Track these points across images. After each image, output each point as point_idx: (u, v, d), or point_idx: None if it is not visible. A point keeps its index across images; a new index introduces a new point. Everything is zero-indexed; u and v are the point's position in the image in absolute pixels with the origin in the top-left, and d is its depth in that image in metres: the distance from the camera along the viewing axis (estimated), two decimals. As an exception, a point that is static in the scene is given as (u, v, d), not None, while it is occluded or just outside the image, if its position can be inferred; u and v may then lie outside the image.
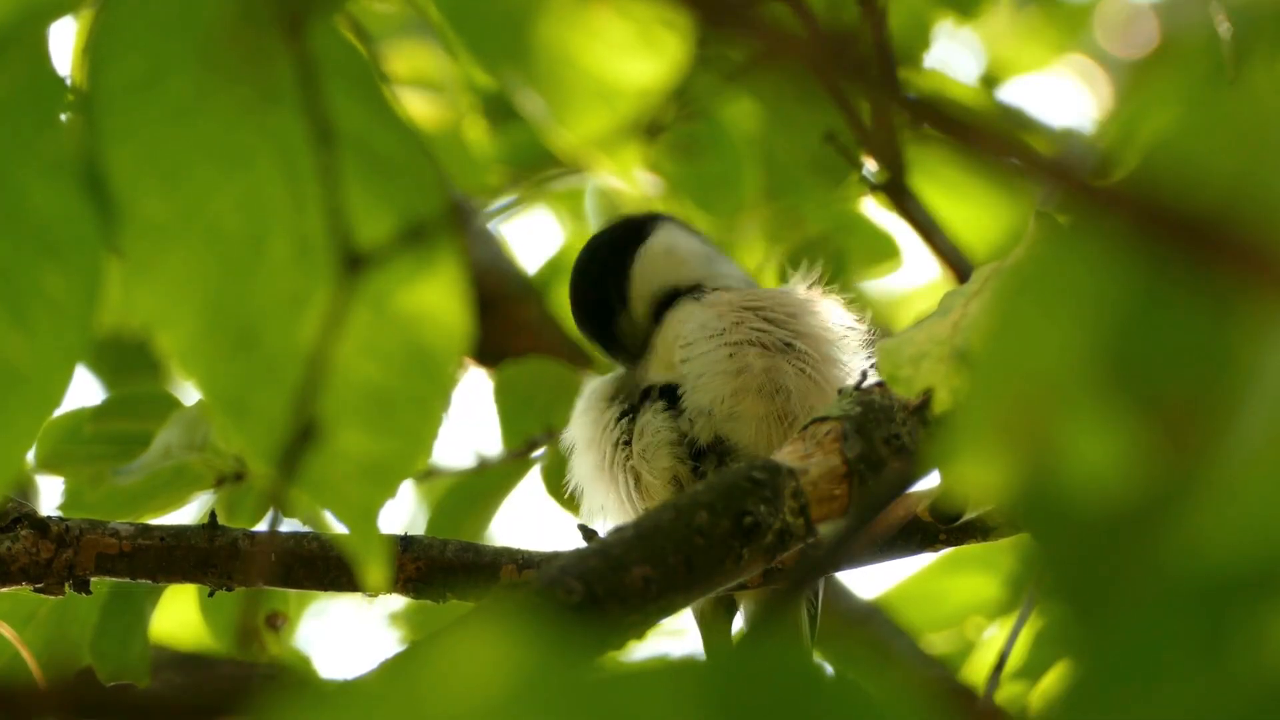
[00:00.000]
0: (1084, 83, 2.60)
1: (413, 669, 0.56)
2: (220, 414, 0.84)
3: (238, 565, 1.28)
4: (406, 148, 0.84)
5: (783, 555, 1.09)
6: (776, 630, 1.07)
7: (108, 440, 1.44)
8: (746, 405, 1.35)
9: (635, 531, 1.02)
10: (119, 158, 0.83)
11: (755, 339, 1.36)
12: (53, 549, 1.27)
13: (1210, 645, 0.56)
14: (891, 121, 1.38)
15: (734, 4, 0.66)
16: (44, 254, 0.83)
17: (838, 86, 0.68)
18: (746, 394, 1.35)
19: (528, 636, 0.56)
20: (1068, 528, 0.59)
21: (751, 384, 1.35)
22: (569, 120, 0.86)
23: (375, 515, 0.85)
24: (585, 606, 0.97)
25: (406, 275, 0.83)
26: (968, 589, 1.95)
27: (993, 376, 0.60)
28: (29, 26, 0.83)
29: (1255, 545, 0.56)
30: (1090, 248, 0.59)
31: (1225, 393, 0.58)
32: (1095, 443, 0.59)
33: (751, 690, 0.56)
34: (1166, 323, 0.59)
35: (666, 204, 1.97)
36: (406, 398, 0.84)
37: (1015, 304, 0.60)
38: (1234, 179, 0.58)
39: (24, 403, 0.83)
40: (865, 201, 2.03)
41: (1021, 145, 0.62)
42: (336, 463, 0.84)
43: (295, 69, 0.82)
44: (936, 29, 2.11)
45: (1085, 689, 0.57)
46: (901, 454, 1.15)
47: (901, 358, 1.08)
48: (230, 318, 0.84)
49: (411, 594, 1.31)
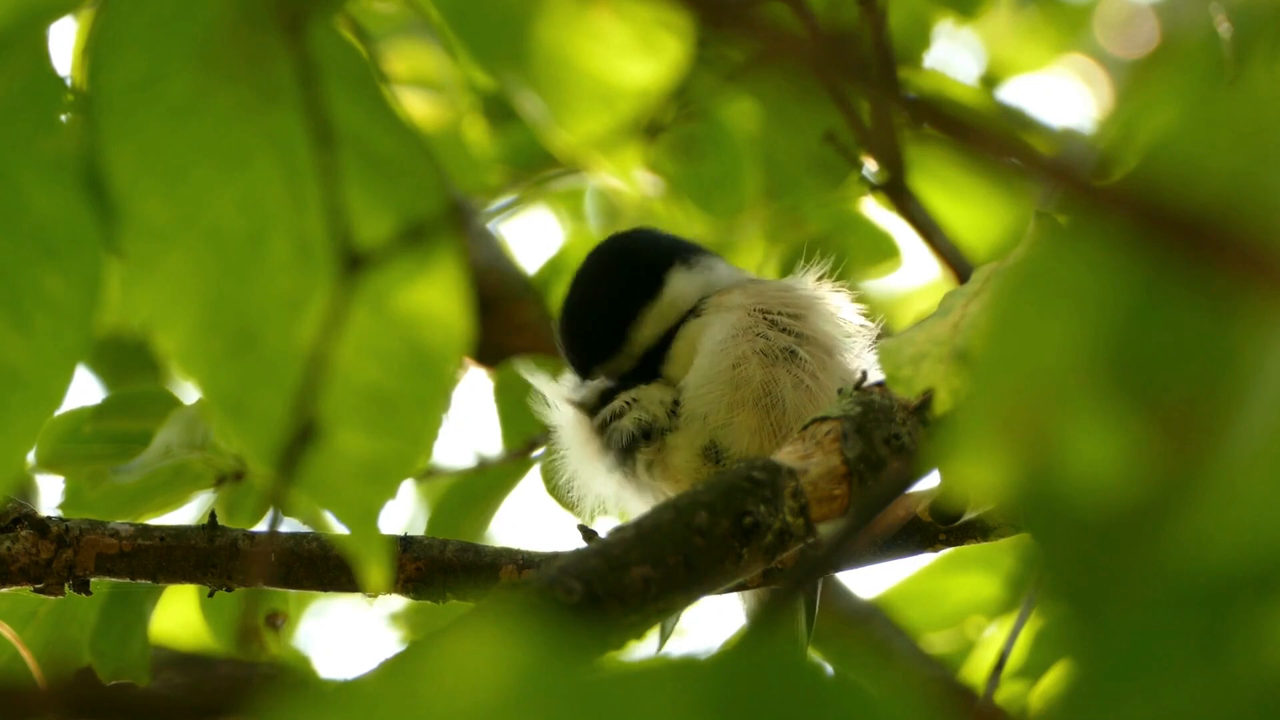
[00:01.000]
0: (1084, 83, 2.60)
1: (413, 669, 0.56)
2: (220, 415, 0.84)
3: (238, 565, 1.28)
4: (406, 148, 0.84)
5: (783, 555, 1.09)
6: (775, 628, 1.07)
7: (107, 439, 1.44)
8: (742, 418, 1.35)
9: (635, 531, 1.02)
10: (118, 158, 0.83)
11: (759, 348, 1.35)
12: (53, 549, 1.27)
13: (1210, 645, 0.56)
14: (891, 121, 1.38)
15: (734, 4, 0.66)
16: (43, 255, 0.83)
17: (838, 86, 0.69)
18: (743, 407, 1.35)
19: (528, 636, 0.56)
20: (1068, 528, 0.59)
21: (748, 397, 1.35)
22: (568, 121, 0.86)
23: (375, 516, 0.85)
24: (585, 606, 0.98)
25: (406, 276, 0.83)
26: (968, 589, 1.95)
27: (993, 376, 0.60)
28: (29, 26, 0.83)
29: (1255, 545, 0.56)
30: (1090, 248, 0.59)
31: (1225, 393, 0.58)
32: (1095, 442, 0.59)
33: (751, 690, 0.56)
34: (1166, 322, 0.59)
35: (666, 204, 1.97)
36: (406, 398, 0.84)
37: (1015, 304, 0.60)
38: (1234, 179, 0.58)
39: (24, 404, 0.83)
40: (865, 201, 2.03)
41: (1021, 145, 0.62)
42: (336, 463, 0.83)
43: (295, 69, 0.82)
44: (936, 29, 2.11)
45: (1085, 689, 0.57)
46: (901, 454, 1.15)
47: (901, 358, 1.08)
48: (230, 318, 0.84)
49: (411, 594, 1.31)
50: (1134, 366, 0.59)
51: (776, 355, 1.35)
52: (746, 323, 1.37)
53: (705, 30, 0.75)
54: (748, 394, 1.35)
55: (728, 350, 1.37)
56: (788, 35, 0.65)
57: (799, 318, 1.37)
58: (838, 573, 1.80)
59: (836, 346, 1.37)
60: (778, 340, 1.36)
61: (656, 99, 0.86)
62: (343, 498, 0.84)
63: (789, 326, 1.36)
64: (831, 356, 1.36)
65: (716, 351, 1.37)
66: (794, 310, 1.37)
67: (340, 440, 0.83)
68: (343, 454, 0.84)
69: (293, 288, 0.84)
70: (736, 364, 1.36)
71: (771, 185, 1.98)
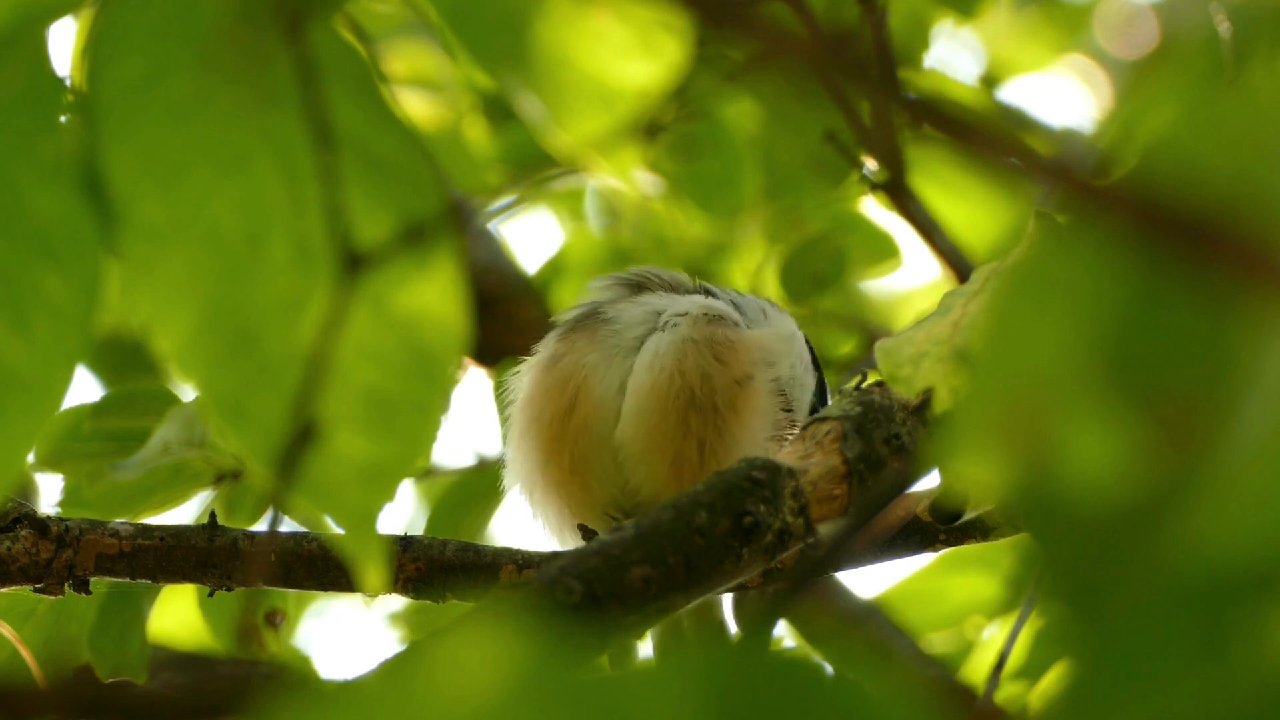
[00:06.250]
0: (1084, 83, 2.60)
1: (413, 669, 0.56)
2: (218, 416, 0.84)
3: (237, 565, 1.28)
4: (406, 149, 0.84)
5: (782, 555, 1.09)
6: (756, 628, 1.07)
7: (106, 437, 1.44)
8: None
9: (635, 531, 1.02)
10: (118, 159, 0.83)
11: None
12: (52, 549, 1.27)
13: (1210, 645, 0.56)
14: (891, 121, 1.38)
15: (734, 4, 0.66)
16: (43, 257, 0.83)
17: (838, 86, 0.69)
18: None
19: (527, 636, 0.56)
20: (1067, 527, 0.59)
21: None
22: (567, 121, 0.86)
23: (374, 518, 0.85)
24: (585, 606, 0.98)
25: (405, 276, 0.83)
26: (967, 589, 1.95)
27: (992, 376, 0.60)
28: (29, 27, 0.83)
29: (1255, 545, 0.56)
30: (1090, 248, 0.59)
31: (1225, 392, 0.58)
32: (1095, 442, 0.59)
33: (751, 690, 0.56)
34: (1166, 322, 0.59)
35: (666, 204, 1.97)
36: (405, 399, 0.84)
37: (1014, 304, 0.60)
38: (1234, 179, 0.58)
39: (23, 405, 0.83)
40: (865, 201, 2.03)
41: (1021, 145, 0.62)
42: (335, 465, 0.83)
43: (294, 70, 0.82)
44: (936, 29, 2.11)
45: (1085, 689, 0.57)
46: (901, 454, 1.15)
47: (901, 357, 1.08)
48: (229, 320, 0.83)
49: (411, 594, 1.31)
50: (1133, 366, 0.59)
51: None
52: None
53: (705, 30, 0.75)
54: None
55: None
56: (788, 35, 0.65)
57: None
58: (838, 573, 1.80)
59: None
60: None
61: (656, 99, 0.86)
62: (341, 500, 0.84)
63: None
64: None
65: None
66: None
67: (339, 442, 0.83)
68: (341, 456, 0.83)
69: (292, 289, 0.84)
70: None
71: (771, 185, 1.99)
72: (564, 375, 1.39)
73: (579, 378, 1.38)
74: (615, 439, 1.37)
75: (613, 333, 1.41)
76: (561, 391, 1.39)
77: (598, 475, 1.38)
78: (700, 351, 1.37)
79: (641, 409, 1.36)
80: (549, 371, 1.40)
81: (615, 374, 1.38)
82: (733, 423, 1.35)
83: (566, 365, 1.39)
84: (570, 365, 1.40)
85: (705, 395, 1.35)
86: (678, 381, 1.36)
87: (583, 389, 1.38)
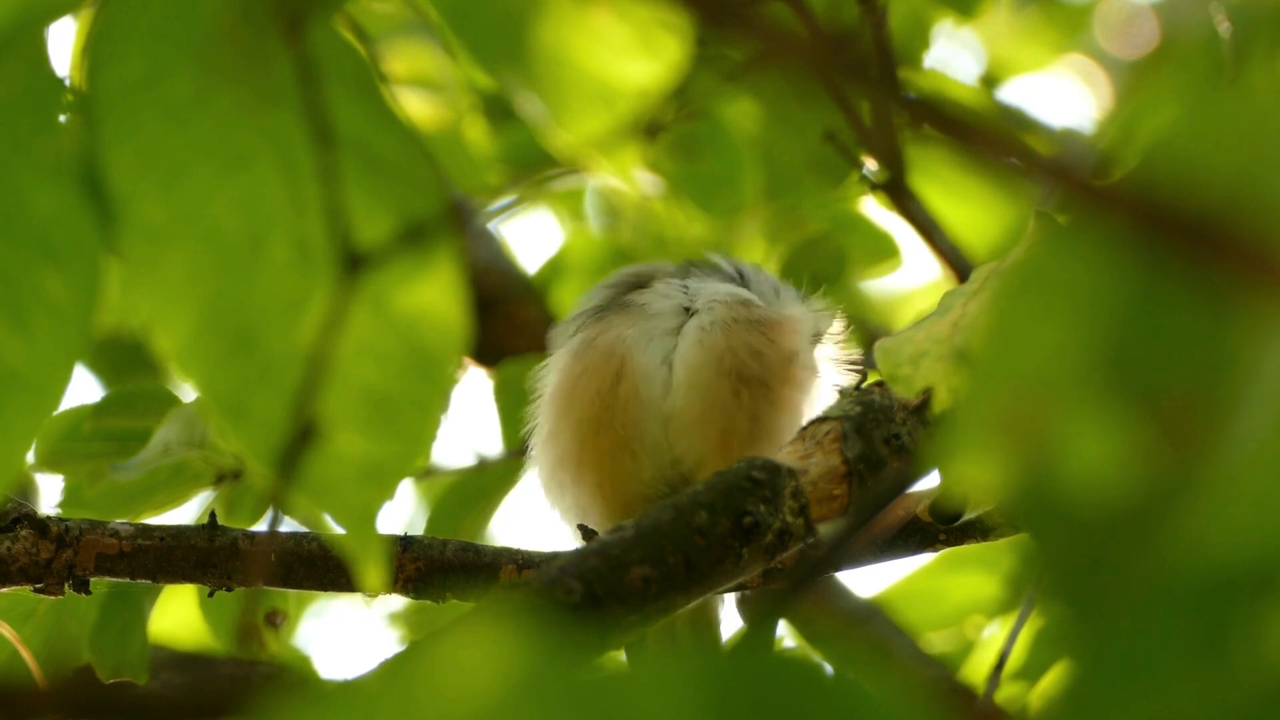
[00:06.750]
0: (1084, 83, 2.60)
1: (413, 669, 0.56)
2: (218, 416, 0.84)
3: (237, 565, 1.28)
4: (406, 149, 0.84)
5: (782, 555, 1.09)
6: (756, 628, 1.07)
7: (107, 437, 1.44)
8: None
9: (635, 531, 1.02)
10: (118, 159, 0.83)
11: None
12: (52, 549, 1.27)
13: (1210, 645, 0.56)
14: (891, 121, 1.38)
15: (734, 4, 0.66)
16: (43, 256, 0.83)
17: (838, 86, 0.69)
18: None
19: (527, 636, 0.56)
20: (1067, 527, 0.59)
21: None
22: (568, 121, 0.86)
23: (374, 518, 0.85)
24: (585, 606, 0.98)
25: (405, 276, 0.83)
26: (967, 588, 1.95)
27: (992, 376, 0.60)
28: (29, 27, 0.83)
29: (1255, 545, 0.56)
30: (1090, 248, 0.59)
31: (1225, 392, 0.58)
32: (1094, 442, 0.59)
33: (751, 690, 0.56)
34: (1166, 322, 0.59)
35: (666, 204, 1.97)
36: (405, 399, 0.84)
37: (1014, 304, 0.60)
38: (1234, 179, 0.58)
39: (23, 405, 0.83)
40: (865, 201, 2.03)
41: (1021, 145, 0.62)
42: (335, 465, 0.83)
43: (294, 70, 0.82)
44: (936, 29, 2.11)
45: (1085, 689, 0.57)
46: (901, 454, 1.15)
47: (901, 357, 1.08)
48: (229, 319, 0.83)
49: (411, 594, 1.30)
50: (1133, 366, 0.59)
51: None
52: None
53: (705, 30, 0.75)
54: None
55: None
56: (788, 35, 0.65)
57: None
58: (838, 573, 1.80)
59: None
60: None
61: (656, 98, 0.86)
62: (341, 499, 0.84)
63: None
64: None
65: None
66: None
67: (339, 441, 0.83)
68: (341, 455, 0.84)
69: (292, 288, 0.84)
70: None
71: (771, 185, 1.99)
72: (606, 350, 1.40)
73: (622, 350, 1.40)
74: (665, 409, 1.38)
75: (647, 316, 1.42)
76: (606, 364, 1.40)
77: (647, 445, 1.39)
78: (749, 329, 1.39)
79: (694, 382, 1.38)
80: (588, 350, 1.41)
81: (657, 349, 1.39)
82: (784, 396, 1.37)
83: (606, 341, 1.41)
84: (610, 340, 1.41)
85: (758, 370, 1.37)
86: (728, 358, 1.37)
87: (627, 360, 1.39)
